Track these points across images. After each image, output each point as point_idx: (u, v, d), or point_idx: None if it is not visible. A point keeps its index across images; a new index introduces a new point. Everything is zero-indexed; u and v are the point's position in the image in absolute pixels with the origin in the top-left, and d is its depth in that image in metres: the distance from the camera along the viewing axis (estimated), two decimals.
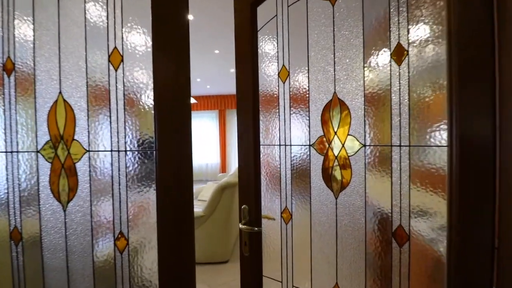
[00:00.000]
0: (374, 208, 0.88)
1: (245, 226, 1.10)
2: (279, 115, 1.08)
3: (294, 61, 1.06)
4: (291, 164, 1.05)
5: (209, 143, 7.65)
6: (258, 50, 1.13)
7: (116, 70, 0.92)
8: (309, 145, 1.00)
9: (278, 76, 1.09)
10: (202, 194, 3.80)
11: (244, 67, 1.14)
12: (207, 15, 2.66)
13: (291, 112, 1.05)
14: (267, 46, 1.13)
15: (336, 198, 0.95)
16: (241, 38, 1.14)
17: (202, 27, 2.85)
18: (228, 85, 6.01)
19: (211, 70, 4.55)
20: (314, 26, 1.00)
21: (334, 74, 0.96)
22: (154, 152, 0.90)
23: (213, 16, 2.67)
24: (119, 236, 0.92)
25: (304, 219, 1.03)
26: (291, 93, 1.06)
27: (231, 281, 2.47)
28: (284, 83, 1.08)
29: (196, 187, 4.17)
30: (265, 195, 1.13)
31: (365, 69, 0.90)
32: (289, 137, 1.06)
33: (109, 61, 0.92)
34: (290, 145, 1.05)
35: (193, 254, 0.96)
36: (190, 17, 2.60)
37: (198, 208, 2.81)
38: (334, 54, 0.96)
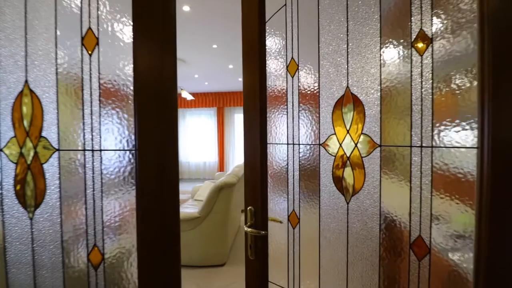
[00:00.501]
0: (390, 216, 0.80)
1: (250, 229, 1.04)
2: (287, 112, 1.01)
3: (303, 54, 0.98)
4: (299, 165, 0.98)
5: (207, 141, 7.57)
6: (266, 42, 1.06)
7: (90, 55, 0.80)
8: (319, 145, 0.92)
9: (287, 70, 1.02)
10: (199, 194, 3.75)
11: (251, 61, 1.07)
12: (205, 6, 2.55)
13: (300, 109, 0.98)
14: (275, 38, 1.06)
15: (348, 203, 0.87)
16: (248, 30, 1.07)
17: (199, 20, 2.76)
18: (227, 82, 5.94)
19: (209, 66, 4.47)
20: (325, 14, 0.92)
21: (347, 67, 0.87)
22: (134, 152, 0.79)
23: (211, 8, 2.56)
24: (94, 249, 0.80)
25: (312, 224, 0.95)
26: (300, 88, 0.98)
27: (227, 285, 2.35)
28: (292, 77, 1.00)
29: (192, 186, 4.15)
30: (271, 197, 1.07)
31: (382, 60, 0.81)
32: (297, 135, 0.98)
33: (82, 44, 0.80)
34: (299, 144, 0.98)
35: (179, 268, 0.86)
36: (185, 7, 2.54)
37: (194, 208, 2.76)
38: (347, 44, 0.88)
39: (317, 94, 0.93)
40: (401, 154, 0.78)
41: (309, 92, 0.96)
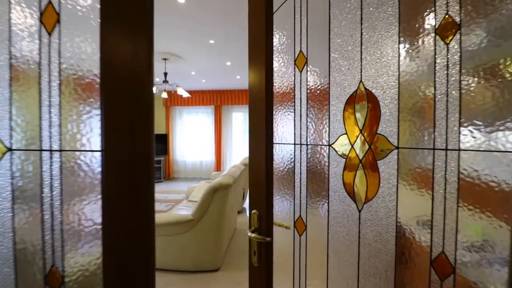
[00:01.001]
0: (408, 228, 0.70)
1: (254, 235, 0.95)
2: (294, 110, 0.92)
3: (312, 46, 0.89)
4: (307, 167, 0.88)
5: (204, 140, 7.43)
6: (273, 35, 0.97)
7: (50, 34, 0.68)
8: (328, 145, 0.83)
9: (294, 64, 0.92)
10: (194, 195, 3.64)
11: (257, 56, 0.97)
12: None
13: (308, 106, 0.88)
14: (283, 30, 0.97)
15: (360, 211, 0.78)
16: (255, 23, 0.98)
17: (194, 13, 2.64)
18: (224, 80, 5.82)
19: (206, 62, 4.35)
20: (337, 2, 0.82)
21: (361, 59, 0.78)
22: (100, 153, 0.67)
23: (207, 1, 2.46)
24: (52, 270, 0.68)
25: (320, 232, 0.86)
26: (308, 84, 0.89)
27: None
28: (301, 72, 0.91)
29: (187, 186, 4.03)
30: (277, 201, 0.98)
31: (401, 51, 0.72)
32: (305, 135, 0.89)
33: (41, 21, 0.68)
34: (306, 145, 0.88)
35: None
36: (180, 0, 2.43)
37: (188, 210, 2.65)
38: (361, 34, 0.78)
39: (327, 90, 0.84)
40: (422, 158, 0.69)
41: (318, 88, 0.86)
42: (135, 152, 0.70)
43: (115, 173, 0.67)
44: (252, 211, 0.98)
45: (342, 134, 0.80)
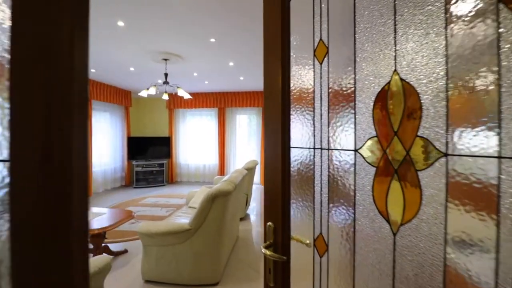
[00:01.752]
0: (462, 264, 0.54)
1: (270, 252, 0.80)
2: (313, 108, 0.76)
3: (334, 33, 0.74)
4: (328, 176, 0.72)
5: (207, 143, 7.26)
6: (290, 23, 0.82)
7: None
8: (354, 150, 0.67)
9: (314, 56, 0.77)
10: (194, 201, 3.43)
11: (273, 49, 0.83)
12: None
13: (330, 103, 0.73)
14: (300, 16, 0.82)
15: (395, 234, 0.62)
16: (270, 13, 0.83)
17: (192, 8, 2.51)
18: (228, 81, 5.66)
19: (208, 63, 4.18)
20: None
21: (395, 44, 0.62)
22: (7, 163, 0.50)
23: None
24: None
25: (344, 255, 0.70)
26: (330, 77, 0.73)
27: None
28: (321, 64, 0.76)
29: (189, 191, 3.85)
30: (294, 213, 0.82)
31: (449, 28, 0.56)
32: (326, 138, 0.73)
33: None
34: (328, 149, 0.72)
35: None
36: None
37: (186, 218, 2.47)
38: (395, 13, 0.63)
39: (352, 83, 0.68)
40: (483, 169, 0.52)
41: (341, 81, 0.71)
42: (58, 164, 0.52)
43: (29, 188, 0.49)
44: (267, 224, 0.84)
45: (372, 137, 0.64)
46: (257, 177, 6.87)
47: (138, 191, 6.20)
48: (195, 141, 7.31)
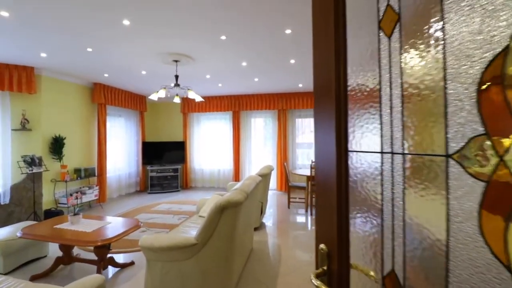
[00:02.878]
0: None
1: (322, 284, 0.55)
2: (380, 97, 0.50)
3: None
4: (404, 191, 0.45)
5: (222, 148, 7.05)
6: None
7: None
8: (446, 156, 0.40)
9: (378, 28, 0.52)
10: (204, 210, 3.18)
11: (325, 28, 0.62)
12: None
13: (403, 88, 0.46)
14: None
15: None
16: None
17: (199, 2, 2.30)
18: (242, 83, 5.43)
19: (220, 63, 3.96)
20: None
21: None
22: None
23: None
24: None
25: None
26: (402, 55, 0.47)
27: None
28: (389, 37, 0.51)
29: (200, 198, 3.58)
30: (355, 231, 0.57)
31: None
32: (400, 137, 0.46)
33: None
34: (402, 154, 0.45)
35: None
36: None
37: (195, 229, 2.18)
38: None
39: (440, 59, 0.41)
40: None
41: (420, 57, 0.43)
42: None
43: None
44: (319, 246, 0.65)
45: (477, 136, 0.38)
46: (273, 182, 6.58)
47: (152, 196, 6.10)
48: (209, 146, 7.15)
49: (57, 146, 4.39)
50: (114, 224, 2.70)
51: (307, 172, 4.81)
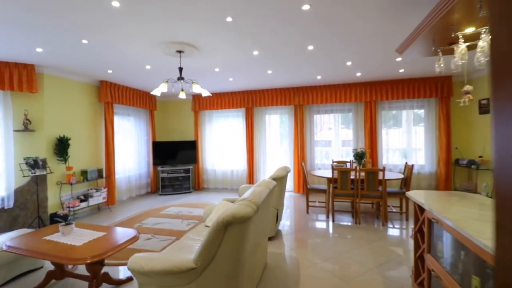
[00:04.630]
0: None
1: None
2: None
3: None
4: None
5: (235, 147, 6.65)
6: None
7: None
8: None
9: None
10: (211, 218, 2.75)
11: None
12: None
13: None
14: None
15: None
16: None
17: None
18: (254, 77, 4.96)
19: (228, 53, 3.48)
20: None
21: None
22: None
23: None
24: None
25: None
26: None
27: None
28: None
29: (207, 202, 3.13)
30: None
31: None
32: None
33: None
34: None
35: None
36: None
37: (198, 242, 1.70)
38: None
39: None
40: None
41: None
42: None
43: None
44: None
45: None
46: (290, 183, 6.12)
47: (163, 198, 5.85)
48: (222, 145, 6.79)
49: (61, 147, 4.19)
50: (109, 236, 2.38)
51: (327, 173, 4.32)
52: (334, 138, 6.03)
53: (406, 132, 5.64)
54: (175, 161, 6.50)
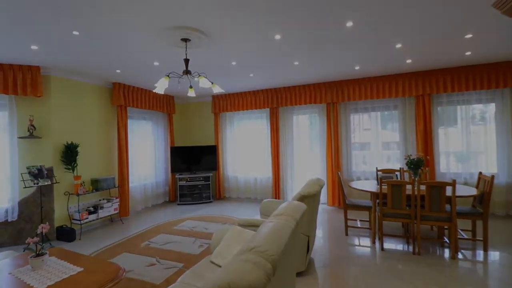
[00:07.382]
0: None
1: None
2: None
3: None
4: None
5: (258, 152, 5.97)
6: None
7: None
8: None
9: None
10: (219, 252, 2.02)
11: None
12: None
13: None
14: None
15: None
16: None
17: None
18: (278, 70, 4.24)
19: (243, 38, 2.85)
20: None
21: None
22: None
23: None
24: None
25: None
26: None
27: None
28: None
29: (226, 216, 2.36)
30: None
31: None
32: None
33: None
34: None
35: None
36: None
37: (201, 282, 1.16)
38: None
39: None
40: None
41: None
42: None
43: None
44: None
45: None
46: (323, 195, 5.26)
47: (181, 209, 5.36)
48: (244, 150, 6.15)
49: (69, 154, 3.87)
50: (83, 275, 1.82)
51: (372, 186, 3.43)
52: (373, 139, 5.05)
53: (471, 132, 4.49)
54: (194, 168, 6.00)
